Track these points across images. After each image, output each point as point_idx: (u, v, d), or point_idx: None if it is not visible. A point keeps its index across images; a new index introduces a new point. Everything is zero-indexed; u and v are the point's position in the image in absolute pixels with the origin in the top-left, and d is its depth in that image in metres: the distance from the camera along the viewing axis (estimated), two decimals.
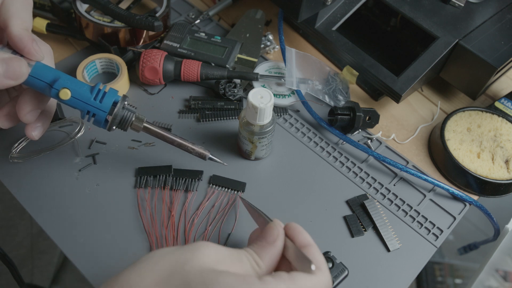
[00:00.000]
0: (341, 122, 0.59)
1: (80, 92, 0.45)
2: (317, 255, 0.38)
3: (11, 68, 0.42)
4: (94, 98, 0.46)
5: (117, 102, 0.47)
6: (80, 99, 0.45)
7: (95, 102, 0.46)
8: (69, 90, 0.44)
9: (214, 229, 0.51)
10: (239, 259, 0.36)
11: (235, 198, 0.54)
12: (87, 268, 0.48)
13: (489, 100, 0.68)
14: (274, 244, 0.38)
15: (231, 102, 0.62)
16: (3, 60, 0.41)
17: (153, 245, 0.49)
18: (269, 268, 0.37)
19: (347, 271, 0.49)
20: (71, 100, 0.45)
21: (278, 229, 0.39)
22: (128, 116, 0.48)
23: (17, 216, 1.27)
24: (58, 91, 0.44)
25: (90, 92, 0.46)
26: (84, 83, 0.46)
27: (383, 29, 0.70)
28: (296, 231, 0.39)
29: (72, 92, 0.45)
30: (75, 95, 0.45)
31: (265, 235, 0.39)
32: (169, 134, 0.51)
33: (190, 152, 0.52)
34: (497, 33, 0.61)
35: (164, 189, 0.54)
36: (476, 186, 0.57)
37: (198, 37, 0.66)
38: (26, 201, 0.52)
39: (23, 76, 0.43)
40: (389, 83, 0.60)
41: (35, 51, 0.44)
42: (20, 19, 0.43)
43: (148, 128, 0.50)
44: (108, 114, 0.47)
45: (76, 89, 0.45)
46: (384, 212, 0.54)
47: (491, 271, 0.66)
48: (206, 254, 0.34)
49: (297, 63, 0.65)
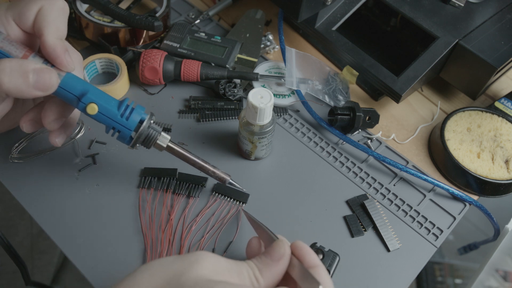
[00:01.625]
0: (341, 122, 0.59)
1: (107, 108, 0.44)
2: (324, 276, 0.37)
3: (41, 79, 0.41)
4: (121, 115, 0.45)
5: (143, 120, 0.46)
6: (106, 115, 0.44)
7: (121, 119, 0.45)
8: (96, 105, 0.44)
9: (211, 238, 0.51)
10: (238, 272, 0.35)
11: (237, 209, 0.53)
12: (87, 268, 0.48)
13: (489, 100, 0.68)
14: (278, 262, 0.37)
15: (231, 102, 0.62)
16: (34, 71, 0.41)
17: (147, 248, 0.49)
18: (269, 286, 0.37)
19: (338, 256, 0.49)
20: (98, 115, 0.44)
21: (285, 248, 0.38)
22: (152, 135, 0.47)
23: (17, 216, 1.27)
24: (86, 105, 0.43)
25: (118, 108, 0.45)
26: (112, 98, 0.45)
27: (383, 29, 0.70)
28: (304, 251, 0.38)
29: (99, 108, 0.44)
30: (102, 111, 0.44)
31: (271, 252, 0.38)
32: (192, 155, 0.50)
33: (211, 176, 0.51)
34: (497, 33, 0.61)
35: (166, 192, 0.54)
36: (476, 186, 0.57)
37: (198, 37, 0.66)
38: (26, 201, 0.52)
39: (52, 88, 0.42)
40: (389, 83, 0.60)
41: (67, 63, 0.43)
42: (55, 27, 0.43)
43: (171, 148, 0.49)
44: (133, 131, 0.46)
45: (104, 105, 0.44)
46: (384, 212, 0.54)
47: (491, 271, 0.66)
48: (204, 266, 0.34)
49: (297, 63, 0.65)
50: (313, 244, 0.49)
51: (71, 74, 0.44)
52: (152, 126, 0.47)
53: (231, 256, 0.50)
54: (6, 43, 0.42)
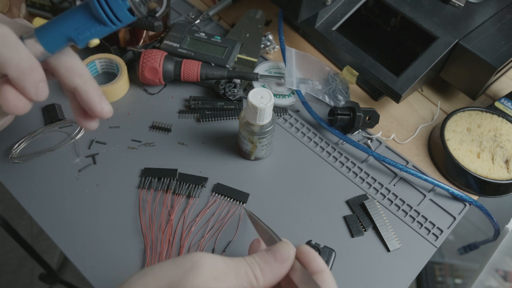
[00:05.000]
0: (341, 122, 0.59)
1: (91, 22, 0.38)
2: (329, 282, 0.36)
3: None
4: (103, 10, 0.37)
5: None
6: (98, 25, 0.38)
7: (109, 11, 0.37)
8: (91, 37, 0.39)
9: (211, 238, 0.51)
10: (236, 271, 0.34)
11: (236, 209, 0.53)
12: (87, 268, 0.48)
13: (489, 100, 0.68)
14: (282, 265, 0.36)
15: (231, 102, 0.62)
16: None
17: (147, 248, 0.49)
18: (268, 286, 0.36)
19: (334, 252, 0.49)
20: (98, 33, 0.39)
21: (291, 251, 0.37)
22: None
23: (17, 216, 1.27)
24: (86, 43, 0.39)
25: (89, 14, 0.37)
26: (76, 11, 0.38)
27: (383, 29, 0.70)
28: (310, 257, 0.37)
29: (92, 34, 0.38)
30: (97, 33, 0.38)
31: (275, 252, 0.36)
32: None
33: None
34: (497, 33, 0.61)
35: (166, 192, 0.54)
36: (476, 186, 0.57)
37: (198, 37, 0.66)
38: (26, 201, 0.52)
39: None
40: (389, 83, 0.60)
41: (106, 113, 0.42)
42: (78, 68, 0.41)
43: None
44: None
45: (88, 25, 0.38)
46: (384, 212, 0.54)
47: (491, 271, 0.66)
48: (201, 272, 0.33)
49: (297, 63, 0.65)
50: (308, 242, 0.49)
51: (39, 33, 0.38)
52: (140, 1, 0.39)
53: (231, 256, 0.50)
54: None
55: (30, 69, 0.37)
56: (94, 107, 0.41)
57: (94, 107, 0.41)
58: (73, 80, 0.41)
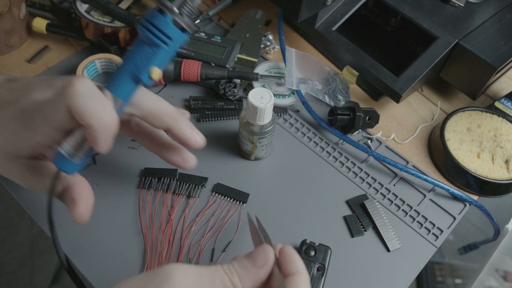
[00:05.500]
0: (341, 122, 0.59)
1: (152, 54, 0.39)
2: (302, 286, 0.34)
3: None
4: (164, 41, 0.38)
5: (171, 20, 0.38)
6: (163, 56, 0.39)
7: (171, 42, 0.38)
8: (153, 68, 0.39)
9: (211, 238, 0.51)
10: (210, 281, 0.34)
11: (236, 209, 0.53)
12: (87, 268, 0.48)
13: (489, 100, 0.68)
14: (260, 270, 0.35)
15: (231, 102, 0.62)
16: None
17: (147, 248, 0.49)
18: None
19: (330, 249, 0.49)
20: (161, 62, 0.39)
21: (270, 255, 0.35)
22: (188, 7, 0.39)
23: (17, 216, 1.27)
24: (150, 77, 0.39)
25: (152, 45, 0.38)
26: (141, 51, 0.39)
27: (383, 29, 0.70)
28: (289, 258, 0.36)
29: (154, 63, 0.39)
30: (159, 62, 0.39)
31: (254, 257, 0.35)
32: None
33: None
34: (497, 33, 0.61)
35: (166, 192, 0.54)
36: (476, 186, 0.57)
37: (198, 37, 0.66)
38: (26, 201, 0.52)
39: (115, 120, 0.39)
40: (389, 83, 0.60)
41: (199, 143, 0.44)
42: (165, 108, 0.43)
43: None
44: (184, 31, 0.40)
45: (148, 58, 0.39)
46: (384, 212, 0.54)
47: (491, 271, 0.66)
48: (171, 285, 0.32)
49: (297, 63, 0.65)
50: (304, 241, 0.49)
51: (107, 84, 0.40)
52: (181, 12, 0.39)
53: (231, 256, 0.50)
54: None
55: (112, 123, 0.37)
56: (189, 140, 0.43)
57: (188, 141, 0.43)
58: (164, 122, 0.42)
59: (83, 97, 0.36)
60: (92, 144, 0.37)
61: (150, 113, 0.42)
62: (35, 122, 0.38)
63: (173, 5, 0.38)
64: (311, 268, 0.48)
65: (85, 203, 0.41)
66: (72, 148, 0.40)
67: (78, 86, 0.36)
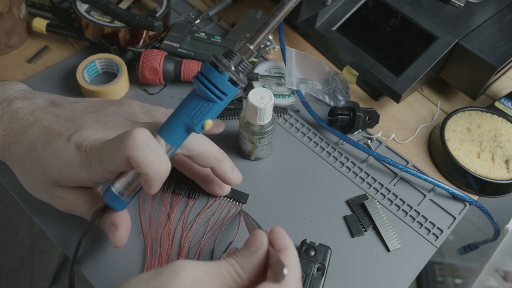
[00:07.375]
0: (341, 122, 0.59)
1: (206, 108, 0.41)
2: (291, 259, 0.37)
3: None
4: (218, 96, 0.40)
5: (227, 78, 0.40)
6: (216, 109, 0.41)
7: (224, 96, 0.40)
8: (206, 121, 0.41)
9: (211, 239, 0.51)
10: (218, 273, 0.35)
11: (236, 209, 0.53)
12: (87, 268, 0.48)
13: (489, 100, 0.68)
14: (256, 253, 0.37)
15: (231, 102, 0.62)
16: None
17: (147, 248, 0.49)
18: (252, 278, 0.37)
19: (330, 249, 0.49)
20: (213, 114, 0.42)
21: (262, 238, 0.38)
22: (243, 66, 0.41)
23: (17, 216, 1.27)
24: (202, 128, 0.42)
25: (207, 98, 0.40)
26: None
27: (383, 29, 0.70)
28: (277, 234, 0.38)
29: (207, 115, 0.41)
30: (211, 113, 0.41)
31: (249, 244, 0.38)
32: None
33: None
34: (497, 33, 0.61)
35: (166, 192, 0.54)
36: (476, 186, 0.57)
37: (198, 37, 0.66)
38: (26, 201, 0.52)
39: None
40: (389, 83, 0.60)
41: (236, 180, 0.49)
42: (210, 149, 0.47)
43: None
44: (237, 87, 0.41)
45: (202, 110, 0.41)
46: (384, 212, 0.54)
47: (491, 271, 0.66)
48: (179, 279, 0.33)
49: (297, 63, 0.65)
50: (304, 241, 0.49)
51: (160, 131, 0.42)
52: (237, 70, 0.41)
53: None
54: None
55: (167, 171, 0.40)
56: (229, 178, 0.48)
57: (228, 179, 0.48)
58: (209, 162, 0.46)
59: (142, 149, 0.38)
60: (146, 189, 0.40)
61: (197, 154, 0.45)
62: (91, 163, 0.41)
63: (231, 64, 0.40)
64: (311, 268, 0.48)
65: (125, 228, 0.45)
66: (123, 188, 0.43)
67: (137, 138, 0.38)
